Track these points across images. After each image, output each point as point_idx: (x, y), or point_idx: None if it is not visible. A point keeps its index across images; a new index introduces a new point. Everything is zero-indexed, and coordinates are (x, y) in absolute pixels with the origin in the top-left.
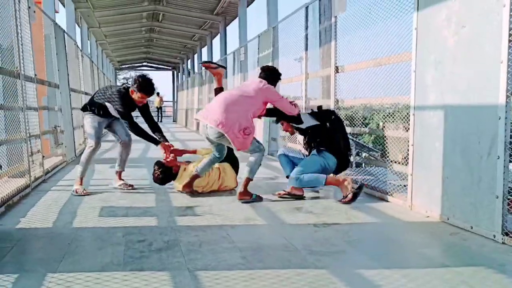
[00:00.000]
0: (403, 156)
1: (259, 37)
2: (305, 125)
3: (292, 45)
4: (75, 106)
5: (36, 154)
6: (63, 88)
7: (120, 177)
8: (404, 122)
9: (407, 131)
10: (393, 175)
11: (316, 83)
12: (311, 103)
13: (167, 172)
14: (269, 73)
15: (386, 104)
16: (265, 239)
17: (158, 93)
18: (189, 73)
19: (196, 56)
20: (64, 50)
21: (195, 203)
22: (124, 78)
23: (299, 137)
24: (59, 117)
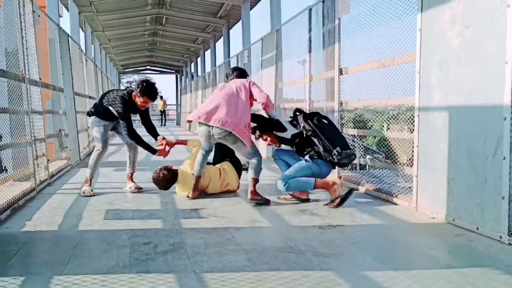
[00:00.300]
0: (408, 157)
1: (262, 40)
2: (289, 133)
3: (295, 48)
4: (79, 109)
5: (41, 158)
6: (68, 91)
7: (131, 179)
8: (408, 124)
9: (411, 132)
10: (397, 177)
11: (319, 85)
12: (315, 105)
13: (173, 175)
14: (240, 72)
15: (390, 106)
16: (270, 241)
17: (161, 97)
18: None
19: (199, 59)
20: (68, 54)
21: (199, 205)
22: (128, 82)
23: None
24: (64, 120)
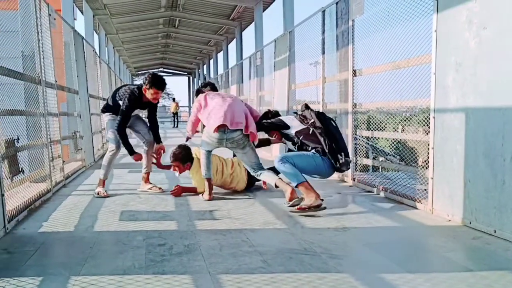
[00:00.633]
0: (423, 159)
1: (275, 42)
2: (293, 130)
3: (308, 49)
4: (93, 111)
5: (56, 159)
6: (82, 94)
7: (148, 180)
8: (423, 125)
9: (426, 134)
10: (411, 179)
11: (332, 87)
12: (328, 107)
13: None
14: (214, 86)
15: (404, 108)
16: (285, 243)
17: (173, 99)
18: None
19: (212, 61)
20: (83, 56)
21: (213, 207)
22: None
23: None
24: (78, 122)
